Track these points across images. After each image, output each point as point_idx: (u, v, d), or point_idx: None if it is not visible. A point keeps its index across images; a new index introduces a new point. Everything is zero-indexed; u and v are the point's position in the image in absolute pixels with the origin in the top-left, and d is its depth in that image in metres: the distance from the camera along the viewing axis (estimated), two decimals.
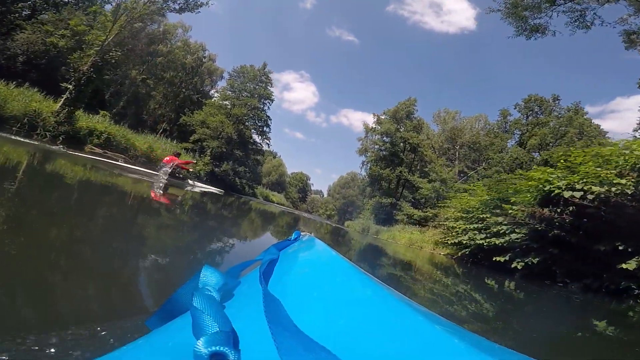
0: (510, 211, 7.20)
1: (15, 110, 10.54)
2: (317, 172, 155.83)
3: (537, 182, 6.91)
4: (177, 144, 23.96)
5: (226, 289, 0.50)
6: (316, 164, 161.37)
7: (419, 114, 30.94)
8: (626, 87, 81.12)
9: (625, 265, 5.12)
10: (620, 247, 5.16)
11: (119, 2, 13.77)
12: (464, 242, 9.24)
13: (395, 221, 23.26)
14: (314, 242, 0.85)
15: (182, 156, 15.70)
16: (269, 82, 33.30)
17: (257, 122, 32.80)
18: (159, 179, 8.61)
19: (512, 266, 6.88)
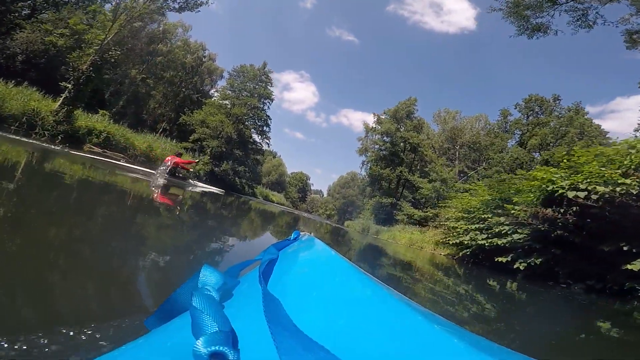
0: (512, 211, 7.15)
1: (13, 109, 10.50)
2: (317, 172, 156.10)
3: (540, 182, 6.84)
4: (177, 144, 23.90)
5: (225, 288, 0.50)
6: (316, 163, 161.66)
7: (419, 113, 30.95)
8: (626, 87, 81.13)
9: (630, 266, 5.07)
10: (624, 248, 5.12)
11: (119, 1, 13.71)
12: (466, 242, 9.19)
13: (395, 221, 23.22)
14: (313, 241, 0.85)
15: (183, 156, 15.82)
16: (269, 81, 33.26)
17: (257, 121, 32.75)
18: (156, 178, 8.58)
19: (515, 267, 6.83)
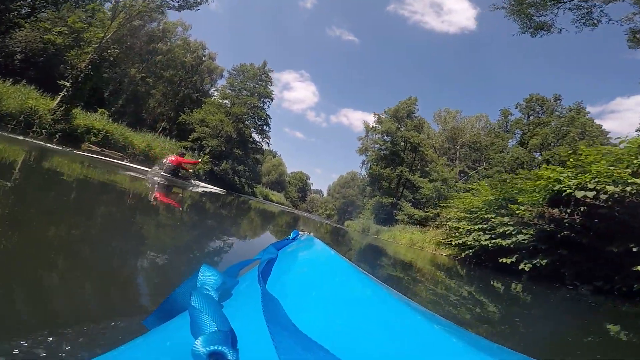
0: (517, 211, 7.04)
1: (11, 107, 10.41)
2: (316, 172, 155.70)
3: (546, 182, 6.73)
4: (176, 143, 23.78)
5: (224, 288, 0.50)
6: (316, 163, 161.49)
7: (420, 113, 30.80)
8: (626, 87, 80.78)
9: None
10: (634, 249, 5.02)
11: (118, 0, 13.60)
12: (469, 243, 9.07)
13: (395, 221, 23.13)
14: (312, 241, 0.85)
15: (185, 156, 15.80)
16: (268, 80, 33.14)
17: (257, 121, 32.63)
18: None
19: (520, 268, 6.73)
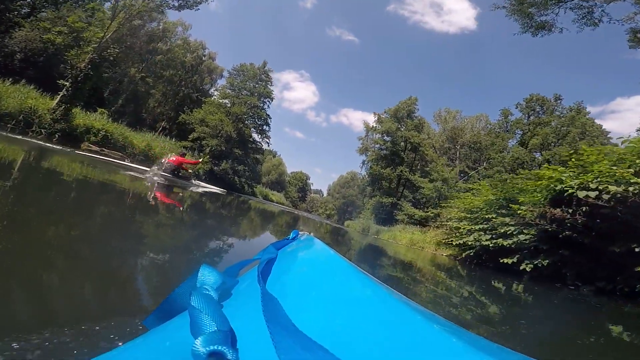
0: (519, 211, 7.00)
1: (10, 107, 10.37)
2: (316, 172, 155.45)
3: (547, 182, 6.69)
4: (176, 142, 23.73)
5: (224, 288, 0.50)
6: (316, 163, 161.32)
7: (420, 113, 30.71)
8: (626, 87, 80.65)
9: None
10: (637, 249, 4.99)
11: None
12: (469, 243, 9.04)
13: (395, 221, 23.07)
14: (312, 241, 0.84)
15: (185, 156, 15.80)
16: (268, 80, 33.10)
17: (257, 120, 32.60)
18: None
19: (521, 268, 6.69)
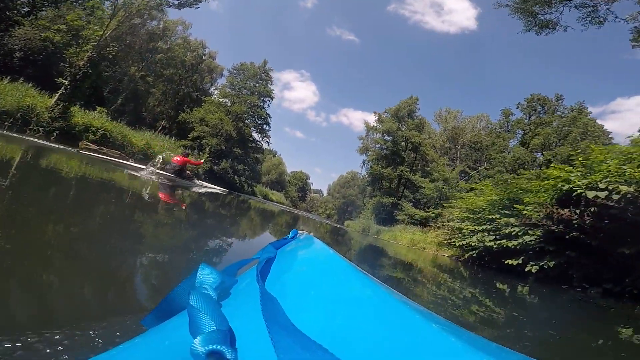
0: (524, 212, 6.88)
1: (8, 105, 10.25)
2: (316, 171, 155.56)
3: (554, 181, 6.57)
4: (176, 141, 23.63)
5: (223, 287, 0.49)
6: (316, 163, 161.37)
7: (420, 113, 30.55)
8: (627, 87, 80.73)
9: None
10: None
11: None
12: (473, 244, 8.92)
13: (396, 221, 22.97)
14: (311, 240, 0.83)
15: (189, 156, 15.88)
16: (269, 79, 32.99)
17: (257, 120, 32.49)
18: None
19: (526, 269, 6.58)
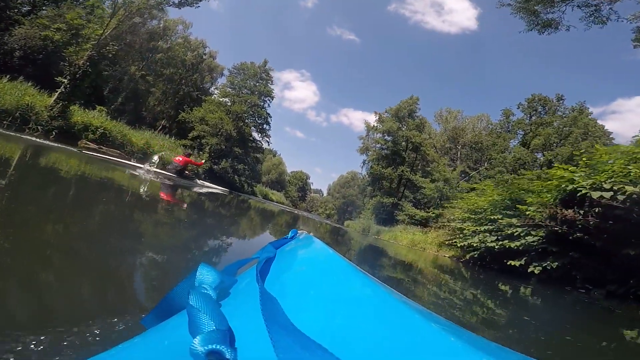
0: (527, 212, 6.81)
1: (7, 103, 10.18)
2: (317, 171, 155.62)
3: (558, 181, 6.49)
4: (176, 141, 23.56)
5: (222, 287, 0.49)
6: (316, 163, 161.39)
7: (421, 113, 30.50)
8: (627, 88, 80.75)
9: None
10: None
11: None
12: (474, 244, 8.85)
13: (396, 221, 22.90)
14: (311, 240, 0.83)
15: (191, 156, 15.99)
16: (269, 79, 32.91)
17: (257, 119, 32.41)
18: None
19: (529, 270, 6.51)
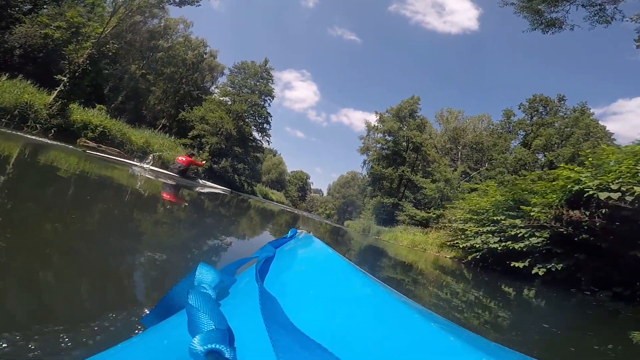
0: (532, 213, 6.72)
1: (5, 101, 10.10)
2: (317, 171, 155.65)
3: (564, 182, 6.41)
4: (175, 140, 23.48)
5: (222, 286, 0.49)
6: (316, 162, 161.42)
7: (421, 113, 30.41)
8: (628, 88, 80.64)
9: None
10: None
11: None
12: (477, 245, 8.75)
13: (396, 222, 22.83)
14: (310, 239, 0.83)
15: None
16: (270, 78, 32.82)
17: (257, 118, 32.33)
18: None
19: (533, 272, 6.42)
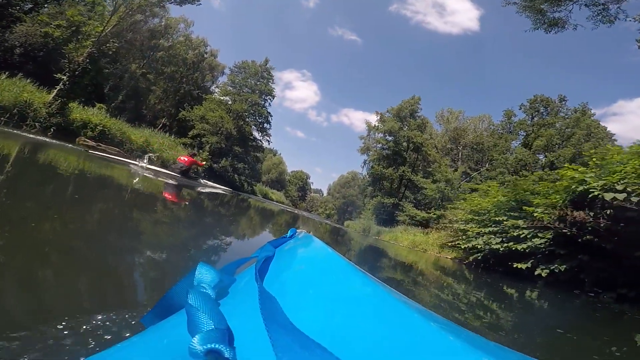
0: (535, 214, 6.65)
1: (5, 100, 10.06)
2: (317, 171, 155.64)
3: (568, 182, 6.34)
4: (175, 139, 23.42)
5: (221, 286, 0.49)
6: (316, 162, 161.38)
7: (422, 113, 30.32)
8: (628, 89, 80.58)
9: None
10: None
11: None
12: (478, 246, 8.69)
13: (397, 222, 22.78)
14: (310, 239, 0.82)
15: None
16: (270, 78, 32.74)
17: (258, 118, 32.25)
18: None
19: (536, 273, 6.36)
